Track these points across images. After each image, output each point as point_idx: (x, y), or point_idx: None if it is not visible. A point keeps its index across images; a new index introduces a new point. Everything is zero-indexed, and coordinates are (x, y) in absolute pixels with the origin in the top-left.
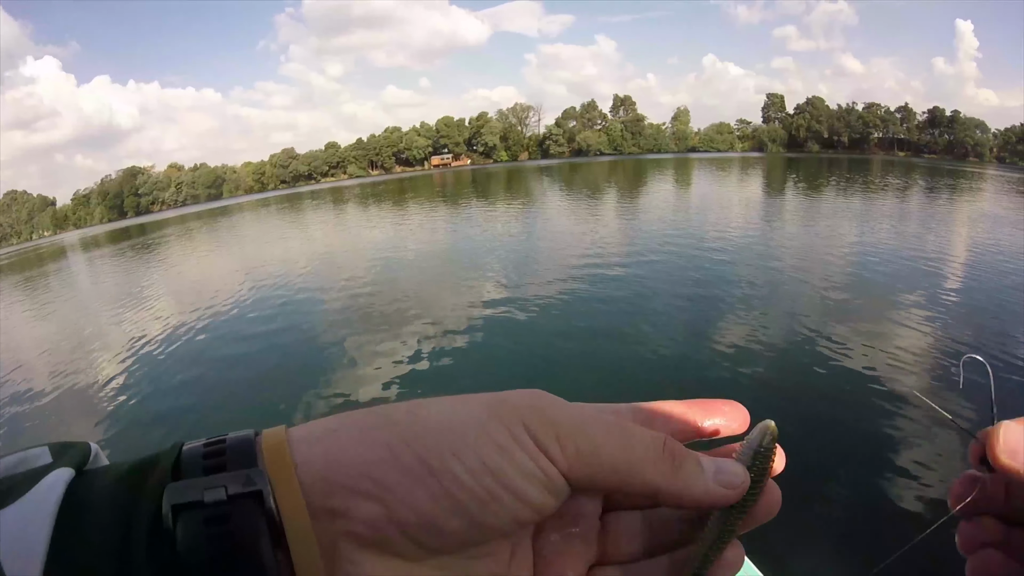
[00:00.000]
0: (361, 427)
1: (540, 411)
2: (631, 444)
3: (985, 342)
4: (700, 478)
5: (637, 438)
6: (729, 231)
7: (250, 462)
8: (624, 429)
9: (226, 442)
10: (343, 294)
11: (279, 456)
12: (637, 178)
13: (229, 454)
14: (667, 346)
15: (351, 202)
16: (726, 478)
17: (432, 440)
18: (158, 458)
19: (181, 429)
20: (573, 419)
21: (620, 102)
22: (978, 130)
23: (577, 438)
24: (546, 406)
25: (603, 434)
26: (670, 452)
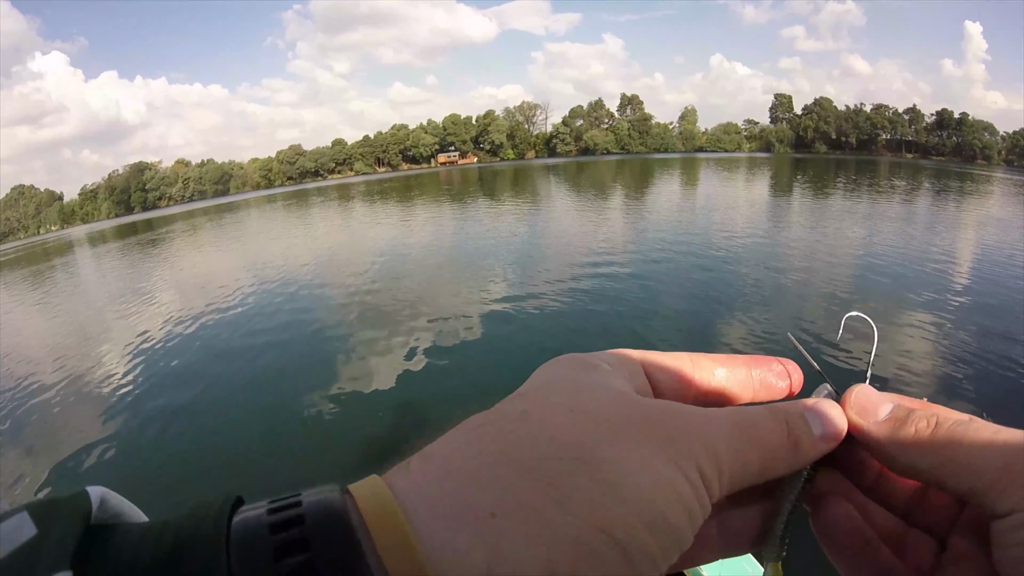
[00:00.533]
0: (530, 506)
1: (707, 443)
2: (765, 443)
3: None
4: (813, 444)
5: (766, 432)
6: (735, 232)
7: (351, 551)
8: (754, 426)
9: (303, 509)
10: (349, 290)
11: (397, 539)
12: (644, 177)
13: (314, 538)
14: (671, 346)
15: (358, 199)
16: (831, 430)
17: (626, 518)
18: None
19: (187, 424)
20: (727, 441)
21: (627, 101)
22: (986, 132)
23: (733, 465)
24: (706, 426)
25: (746, 449)
26: (793, 434)
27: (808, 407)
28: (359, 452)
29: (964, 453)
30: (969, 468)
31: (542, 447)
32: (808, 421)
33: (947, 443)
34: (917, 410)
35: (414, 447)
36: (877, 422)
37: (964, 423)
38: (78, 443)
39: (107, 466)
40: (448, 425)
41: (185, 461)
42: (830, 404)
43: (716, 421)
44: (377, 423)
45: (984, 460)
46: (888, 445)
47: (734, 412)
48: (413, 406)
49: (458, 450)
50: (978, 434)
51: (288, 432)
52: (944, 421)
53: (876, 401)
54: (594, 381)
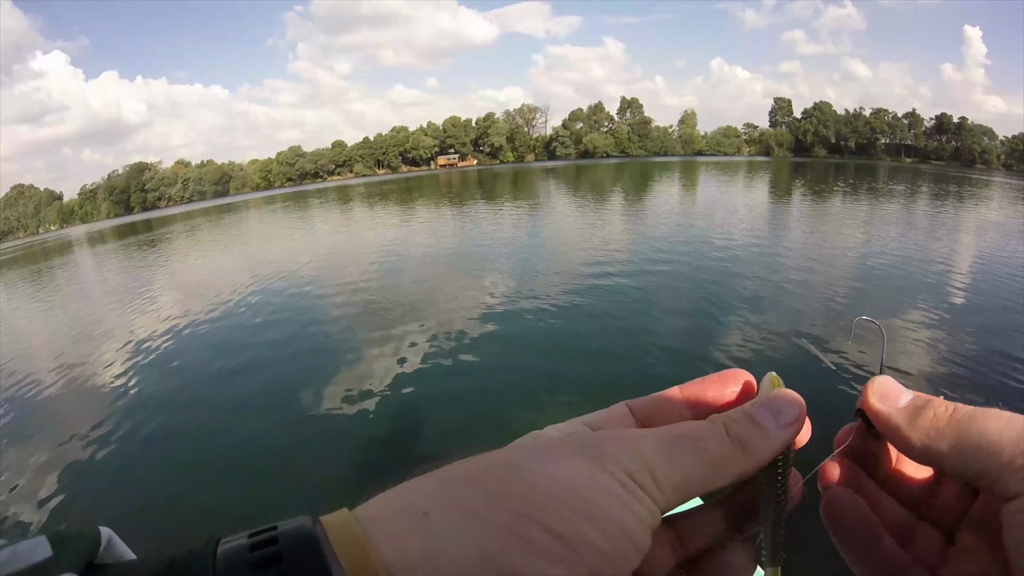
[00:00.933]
0: (460, 504)
1: (634, 451)
2: (704, 451)
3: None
4: (766, 439)
5: (703, 440)
6: (735, 237)
7: (317, 559)
8: (692, 439)
9: (278, 533)
10: (348, 293)
11: (360, 560)
12: (644, 181)
13: (286, 558)
14: (670, 350)
15: (357, 201)
16: (786, 418)
17: (557, 509)
18: (189, 555)
19: (185, 423)
20: (656, 451)
21: (627, 104)
22: (985, 137)
23: (669, 473)
24: (634, 440)
25: (684, 458)
26: (735, 437)
27: (756, 405)
28: (357, 459)
29: (979, 436)
30: (984, 450)
31: (476, 468)
32: (756, 417)
33: (964, 427)
34: (935, 400)
35: (413, 455)
36: (898, 408)
37: (981, 410)
38: (63, 451)
39: (99, 469)
40: (445, 431)
41: (180, 470)
42: (780, 394)
43: (647, 436)
44: (374, 429)
45: (998, 442)
46: (907, 430)
47: (669, 428)
48: (411, 415)
49: (413, 481)
50: (994, 420)
51: (284, 439)
52: (962, 408)
53: (896, 391)
54: (538, 434)
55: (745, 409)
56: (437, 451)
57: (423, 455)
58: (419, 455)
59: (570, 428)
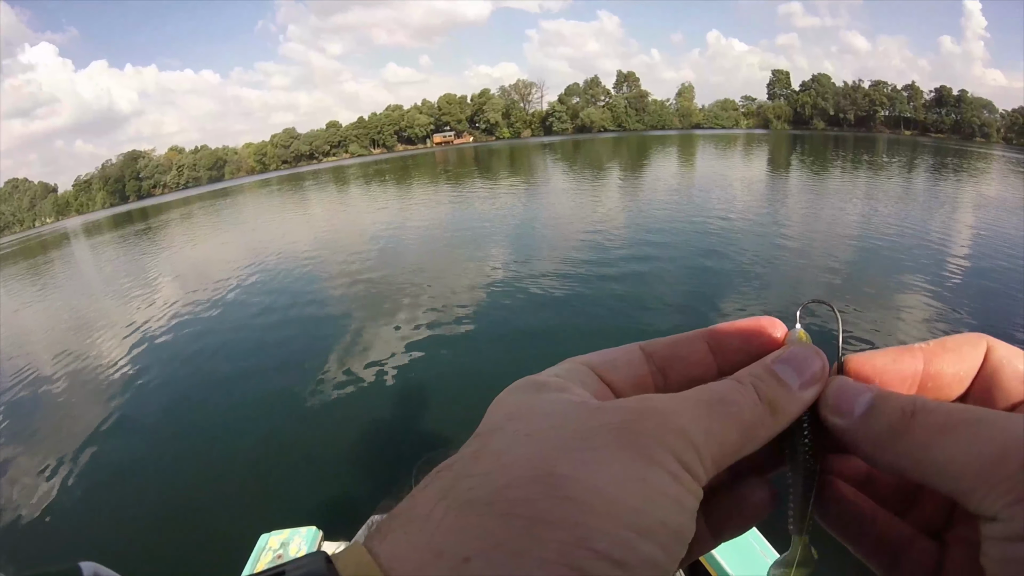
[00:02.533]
0: (502, 543)
1: (678, 430)
2: (738, 416)
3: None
4: (792, 398)
5: (736, 404)
6: (732, 211)
7: None
8: (727, 405)
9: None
10: (345, 276)
11: None
12: (641, 155)
13: None
14: (673, 320)
15: (353, 181)
16: (809, 375)
17: (610, 530)
18: None
19: (185, 415)
20: (696, 423)
21: (624, 78)
22: (985, 110)
23: (709, 447)
24: (671, 414)
25: (722, 427)
26: (764, 398)
27: (777, 360)
28: (357, 451)
29: (942, 451)
30: (948, 469)
31: (501, 479)
32: (780, 375)
33: (924, 439)
34: (895, 399)
35: (414, 439)
36: (853, 420)
37: (943, 412)
38: (55, 453)
39: (90, 474)
40: (446, 418)
41: (179, 473)
42: (799, 348)
43: (681, 406)
44: (374, 414)
45: (963, 460)
46: (864, 444)
47: (699, 391)
48: (411, 398)
49: (423, 503)
50: (958, 429)
51: (285, 431)
52: (922, 410)
53: (852, 395)
54: (548, 399)
55: (767, 365)
56: (439, 434)
57: (424, 439)
58: (420, 439)
59: (567, 370)
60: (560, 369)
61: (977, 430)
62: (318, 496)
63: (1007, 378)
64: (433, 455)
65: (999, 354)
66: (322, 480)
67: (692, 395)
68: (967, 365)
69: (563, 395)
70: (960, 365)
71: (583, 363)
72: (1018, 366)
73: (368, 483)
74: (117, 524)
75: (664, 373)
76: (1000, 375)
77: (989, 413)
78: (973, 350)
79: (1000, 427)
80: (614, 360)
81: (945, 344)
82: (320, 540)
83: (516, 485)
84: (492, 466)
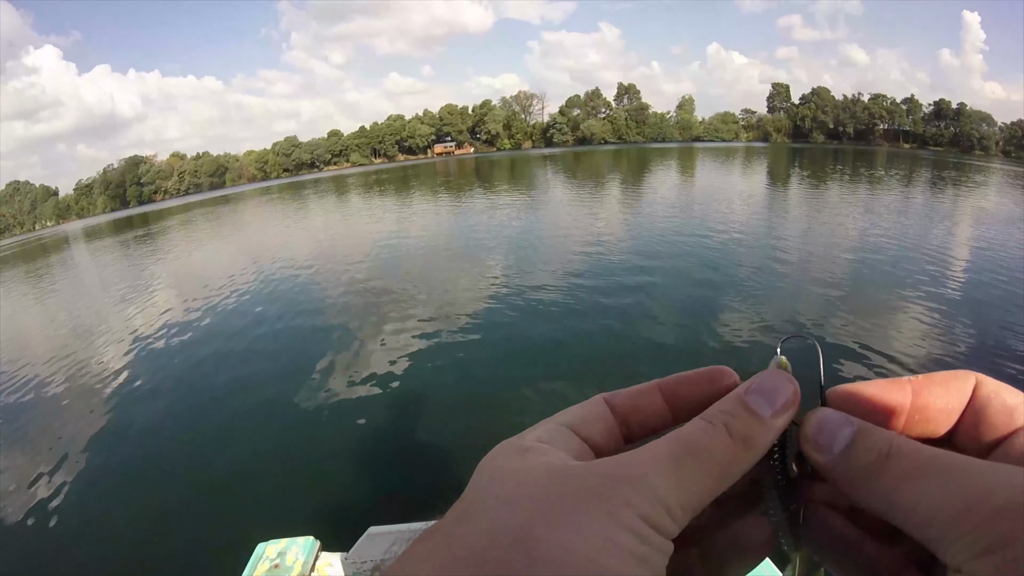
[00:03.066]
0: None
1: (645, 489)
2: (711, 457)
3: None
4: (766, 428)
5: (708, 445)
6: (731, 225)
7: None
8: (697, 450)
9: None
10: (344, 286)
11: None
12: (641, 167)
13: None
14: (668, 337)
15: (353, 191)
16: (782, 400)
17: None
18: None
19: (182, 422)
20: (665, 476)
21: (624, 90)
22: (984, 123)
23: (680, 496)
24: (640, 474)
25: (693, 473)
26: (737, 434)
27: (748, 391)
28: (355, 461)
29: (912, 497)
30: (917, 516)
31: (482, 541)
32: (751, 405)
33: (896, 484)
34: (873, 437)
35: (412, 455)
36: (832, 456)
37: (916, 457)
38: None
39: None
40: (444, 430)
41: (178, 479)
42: (769, 376)
43: (650, 462)
44: (373, 424)
45: (931, 509)
46: (842, 482)
47: (669, 442)
48: (410, 408)
49: (411, 565)
50: (928, 477)
51: (283, 441)
52: (896, 454)
53: (833, 430)
54: (528, 462)
55: (738, 397)
56: (437, 445)
57: (423, 450)
58: (419, 450)
59: (549, 432)
60: (542, 432)
61: (945, 479)
62: (316, 506)
63: (994, 412)
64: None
65: (987, 389)
66: (320, 490)
67: (662, 447)
68: (955, 400)
69: (542, 459)
70: (948, 399)
71: (562, 423)
72: (1006, 400)
73: (366, 494)
74: (113, 531)
75: (627, 424)
76: (987, 410)
77: (959, 461)
78: (962, 384)
79: (967, 477)
80: (585, 417)
81: (933, 379)
82: (317, 550)
83: (496, 547)
84: (474, 530)
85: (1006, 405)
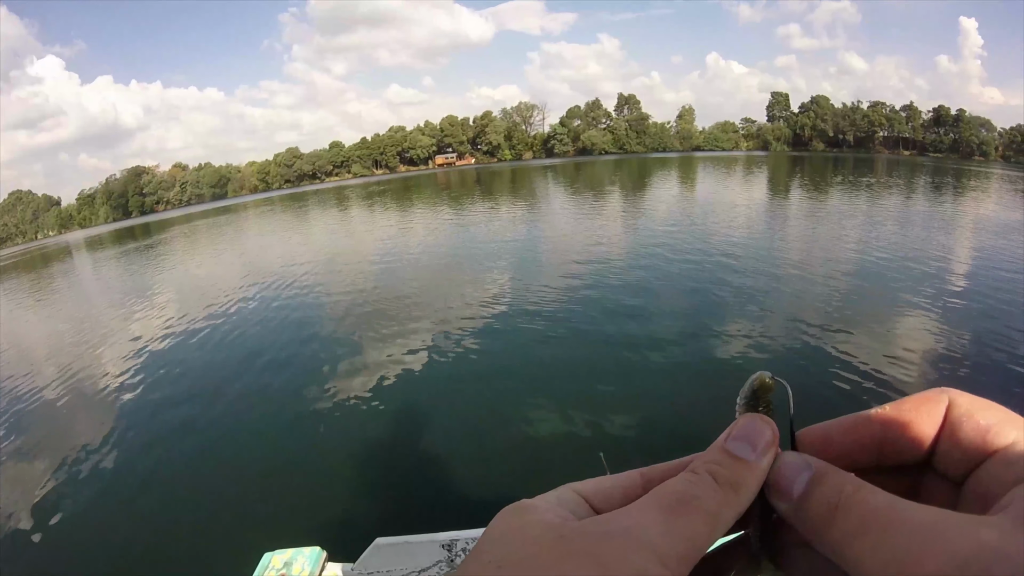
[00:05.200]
0: None
1: (640, 546)
2: (701, 507)
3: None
4: (752, 471)
5: (697, 496)
6: (732, 236)
7: None
8: (688, 501)
9: None
10: (347, 297)
11: None
12: (642, 177)
13: None
14: (669, 349)
15: (355, 202)
16: (763, 443)
17: None
18: None
19: (188, 431)
20: (659, 529)
21: (624, 101)
22: (983, 129)
23: (676, 547)
24: (634, 531)
25: (686, 524)
26: (725, 482)
27: (729, 439)
28: (362, 472)
29: (856, 552)
30: (861, 570)
31: None
32: (735, 452)
33: (842, 537)
34: (826, 484)
35: (419, 467)
36: (792, 503)
37: (861, 511)
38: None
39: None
40: (450, 442)
41: (175, 485)
42: (746, 420)
43: (643, 518)
44: (382, 438)
45: (873, 566)
46: (801, 529)
47: (658, 496)
48: (419, 420)
49: None
50: (869, 533)
51: (285, 452)
52: (844, 506)
53: (792, 475)
54: (525, 520)
55: (719, 447)
56: (443, 457)
57: (429, 462)
58: (426, 462)
59: (557, 494)
60: (552, 496)
61: (886, 538)
62: (322, 516)
63: (966, 436)
64: None
65: (960, 410)
66: (327, 500)
67: (652, 502)
68: (927, 425)
69: (540, 517)
70: (919, 426)
71: (575, 491)
72: (979, 421)
73: (373, 505)
74: (120, 539)
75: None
76: (959, 434)
77: (904, 516)
78: (932, 408)
79: (906, 539)
80: (608, 489)
81: (903, 407)
82: (324, 561)
83: None
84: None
85: (979, 427)
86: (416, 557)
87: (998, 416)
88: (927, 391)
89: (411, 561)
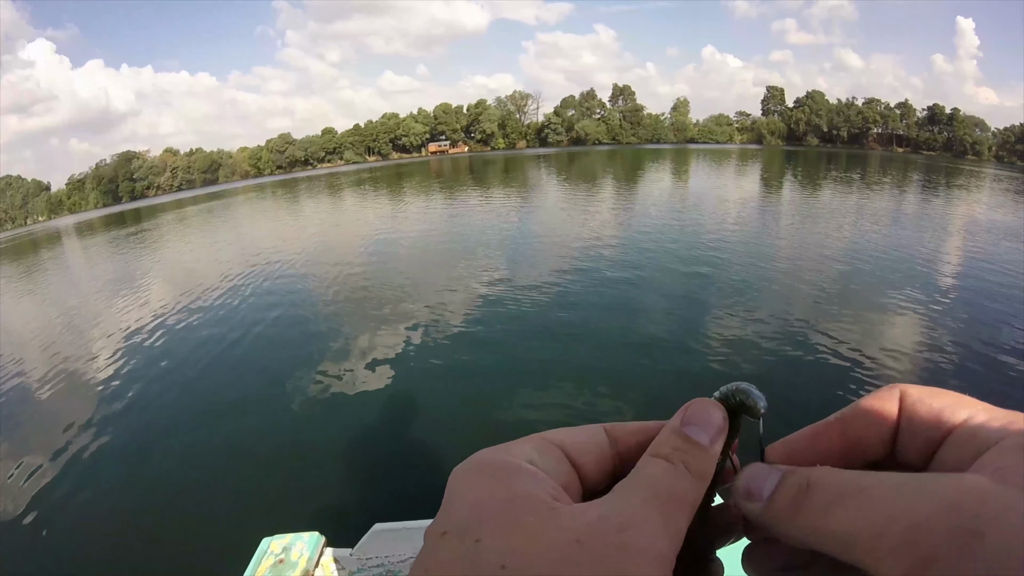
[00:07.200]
0: None
1: (651, 555)
2: (687, 501)
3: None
4: (707, 454)
5: (683, 489)
6: (724, 229)
7: None
8: (675, 493)
9: None
10: (344, 283)
11: None
12: (635, 168)
13: None
14: (658, 340)
15: (347, 188)
16: (713, 428)
17: None
18: None
19: (185, 417)
20: (657, 524)
21: (619, 92)
22: (977, 128)
23: (676, 546)
24: (641, 535)
25: (676, 516)
26: (695, 472)
27: (685, 424)
28: (360, 457)
29: (836, 522)
30: (842, 539)
31: None
32: (692, 437)
33: (819, 511)
34: (795, 475)
35: (417, 451)
36: (763, 503)
37: (834, 483)
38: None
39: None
40: (447, 426)
41: (172, 482)
42: (698, 404)
43: (644, 516)
44: (380, 424)
45: (853, 530)
46: (773, 523)
47: (647, 491)
48: (417, 405)
49: None
50: (846, 499)
51: (275, 440)
52: (816, 483)
53: (760, 482)
54: (515, 495)
55: (675, 429)
56: (440, 442)
57: (427, 447)
58: (423, 446)
59: (539, 450)
60: (531, 449)
61: (864, 500)
62: (321, 502)
63: (922, 421)
64: None
65: (912, 399)
66: (325, 486)
67: (649, 496)
68: (885, 420)
69: (531, 492)
70: (878, 424)
71: (555, 443)
72: (931, 404)
73: (371, 490)
74: (118, 526)
75: (622, 459)
76: (915, 420)
77: (878, 480)
78: (886, 403)
79: (884, 495)
80: (581, 442)
81: (859, 407)
82: (322, 546)
83: None
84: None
85: (932, 410)
86: (415, 542)
87: (949, 399)
88: (879, 389)
89: (410, 546)
